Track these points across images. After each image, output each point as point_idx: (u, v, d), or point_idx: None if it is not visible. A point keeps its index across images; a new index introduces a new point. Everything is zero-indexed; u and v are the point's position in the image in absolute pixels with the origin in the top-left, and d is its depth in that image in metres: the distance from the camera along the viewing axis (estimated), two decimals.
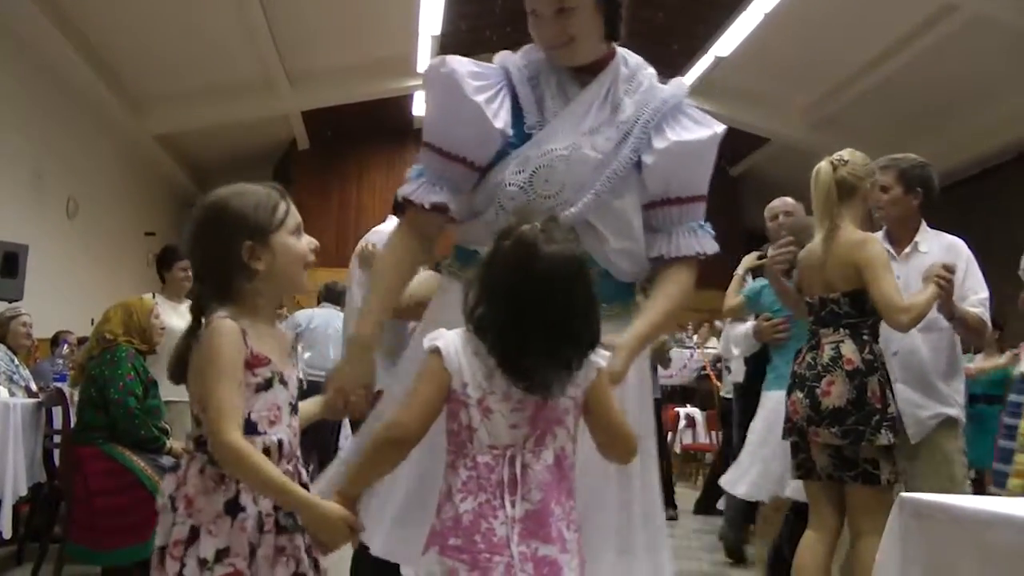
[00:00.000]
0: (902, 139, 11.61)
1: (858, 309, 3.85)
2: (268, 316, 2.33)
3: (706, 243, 2.66)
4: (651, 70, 2.76)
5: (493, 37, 13.85)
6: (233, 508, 2.11)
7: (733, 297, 5.39)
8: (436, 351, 2.06)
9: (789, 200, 5.67)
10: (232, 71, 12.60)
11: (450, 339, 2.07)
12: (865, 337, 3.85)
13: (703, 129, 2.67)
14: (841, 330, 3.86)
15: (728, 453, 7.07)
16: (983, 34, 10.43)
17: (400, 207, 2.65)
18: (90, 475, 5.17)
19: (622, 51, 2.71)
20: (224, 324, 2.14)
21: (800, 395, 3.86)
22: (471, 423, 2.02)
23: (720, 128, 2.70)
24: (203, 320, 2.23)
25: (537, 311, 1.99)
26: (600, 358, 2.09)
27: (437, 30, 12.30)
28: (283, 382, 2.24)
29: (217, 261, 2.25)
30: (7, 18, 9.40)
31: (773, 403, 4.79)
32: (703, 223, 2.70)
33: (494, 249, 2.06)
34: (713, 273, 4.42)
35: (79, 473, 5.24)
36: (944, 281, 3.92)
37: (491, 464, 2.00)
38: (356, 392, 2.44)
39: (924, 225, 4.44)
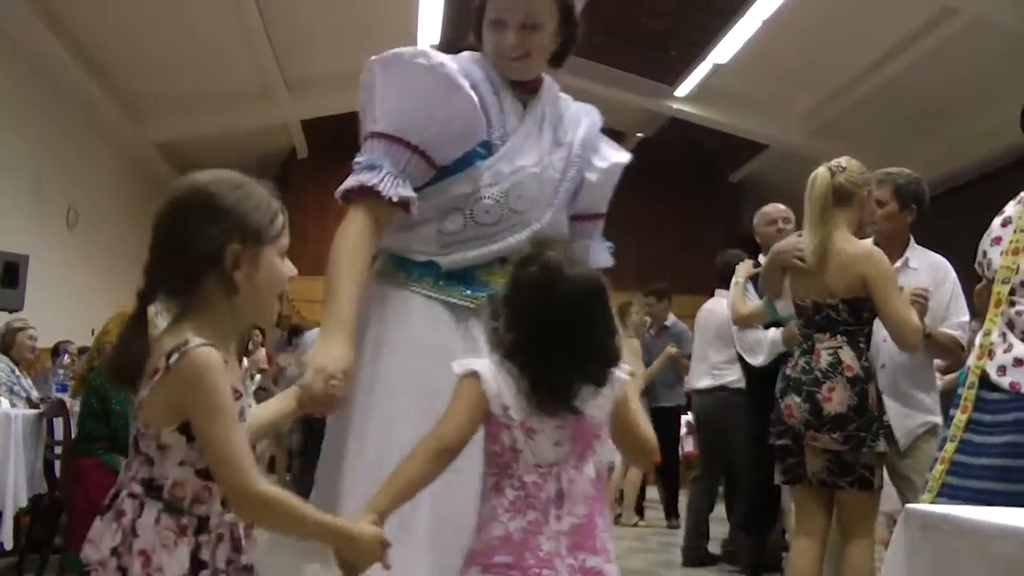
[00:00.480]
0: (902, 144, 11.65)
1: (856, 317, 3.85)
2: (231, 340, 1.99)
3: (609, 259, 2.84)
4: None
5: None
6: (197, 565, 1.84)
7: (743, 304, 5.36)
8: (474, 375, 2.06)
9: (783, 207, 5.68)
10: (231, 79, 12.62)
11: (485, 364, 2.08)
12: (861, 345, 3.86)
13: (622, 154, 2.84)
14: (839, 336, 3.85)
15: (714, 458, 7.08)
16: (982, 37, 10.43)
17: (349, 195, 2.48)
18: (91, 486, 5.16)
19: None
20: (211, 356, 1.82)
21: (798, 399, 3.84)
22: (515, 444, 2.05)
23: (627, 154, 2.88)
24: (144, 314, 1.93)
25: (566, 332, 2.04)
26: (623, 373, 2.13)
27: (436, 38, 12.32)
28: (243, 417, 1.95)
29: (189, 257, 1.88)
30: (5, 26, 9.40)
31: None
32: (604, 240, 2.88)
33: (518, 276, 2.09)
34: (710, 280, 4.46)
35: (80, 484, 5.24)
36: (922, 300, 4.00)
37: (538, 482, 2.04)
38: (337, 375, 2.24)
39: (912, 241, 4.50)
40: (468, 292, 2.50)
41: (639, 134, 17.12)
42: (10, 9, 9.14)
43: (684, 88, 14.04)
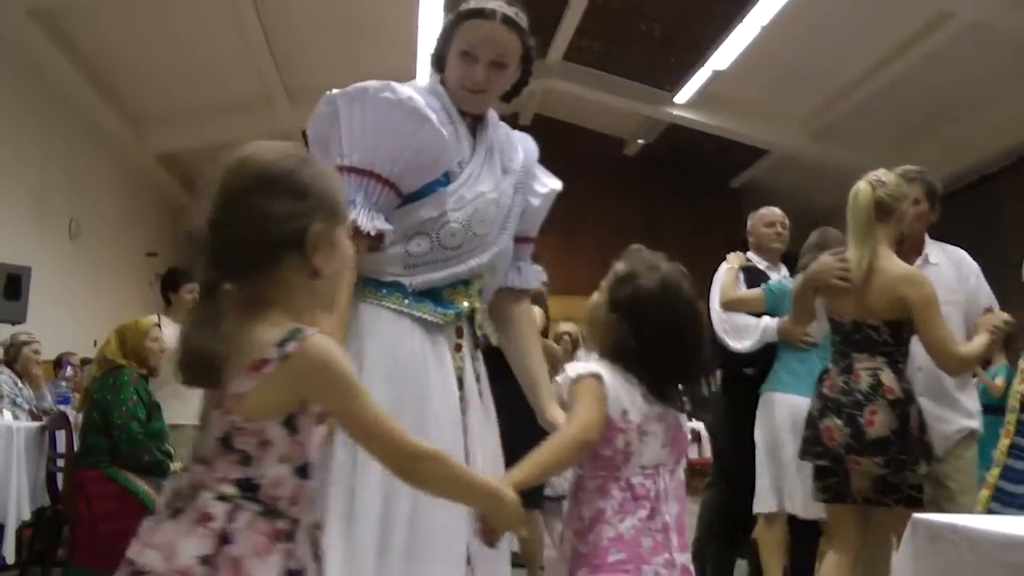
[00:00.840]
0: (902, 146, 11.64)
1: (896, 338, 3.80)
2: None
3: (539, 280, 3.02)
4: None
5: None
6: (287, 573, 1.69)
7: (734, 288, 5.32)
8: (597, 377, 2.20)
9: (780, 211, 5.66)
10: (232, 89, 12.61)
11: (603, 368, 2.24)
12: (900, 365, 3.79)
13: (556, 181, 2.92)
14: (878, 357, 3.78)
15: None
16: (980, 41, 10.43)
17: None
18: (93, 499, 5.16)
19: None
20: (329, 341, 1.72)
21: (838, 422, 3.75)
22: (628, 447, 2.19)
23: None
24: (216, 304, 1.70)
25: (679, 341, 2.26)
26: None
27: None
28: None
29: (268, 237, 1.71)
30: (6, 37, 9.41)
31: (787, 407, 4.78)
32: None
33: (638, 290, 2.27)
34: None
35: (82, 497, 5.23)
36: (998, 332, 3.94)
37: (644, 483, 2.19)
38: None
39: (927, 236, 4.42)
40: (437, 309, 2.56)
41: (640, 140, 17.14)
42: (12, 22, 9.16)
43: (684, 94, 14.03)
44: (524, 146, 2.86)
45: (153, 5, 9.98)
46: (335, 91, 2.57)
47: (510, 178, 2.73)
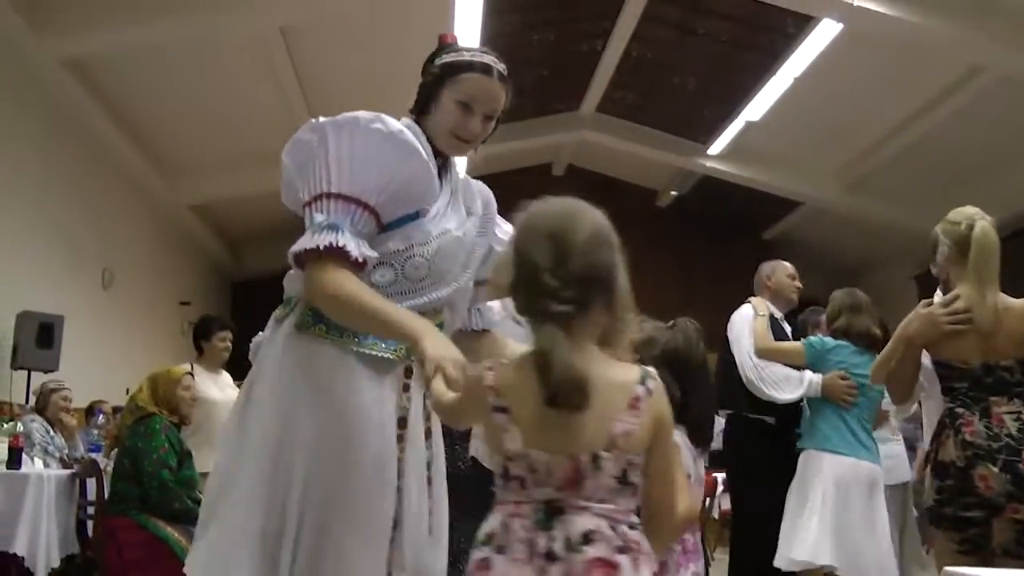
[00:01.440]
0: (934, 200, 11.56)
1: None
2: None
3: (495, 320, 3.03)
4: None
5: (525, 104, 13.92)
6: None
7: (768, 336, 5.31)
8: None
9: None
10: (266, 141, 12.61)
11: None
12: None
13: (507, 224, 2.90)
14: (1016, 400, 3.70)
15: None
16: (1012, 95, 10.41)
17: (313, 254, 2.45)
18: (124, 546, 5.16)
19: None
20: None
21: (994, 469, 3.62)
22: None
23: None
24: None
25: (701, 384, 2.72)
26: None
27: None
28: None
29: (608, 285, 2.01)
30: (44, 89, 9.53)
31: (843, 468, 4.74)
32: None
33: (679, 346, 2.85)
34: None
35: (113, 544, 5.23)
36: None
37: None
38: (455, 363, 2.17)
39: None
40: (387, 344, 2.53)
41: (673, 192, 17.13)
42: (44, 71, 9.26)
43: (717, 146, 14.05)
44: (482, 194, 2.91)
45: (187, 55, 10.08)
46: (323, 119, 2.59)
47: (473, 219, 2.77)
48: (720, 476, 11.98)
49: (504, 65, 2.69)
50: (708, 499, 11.26)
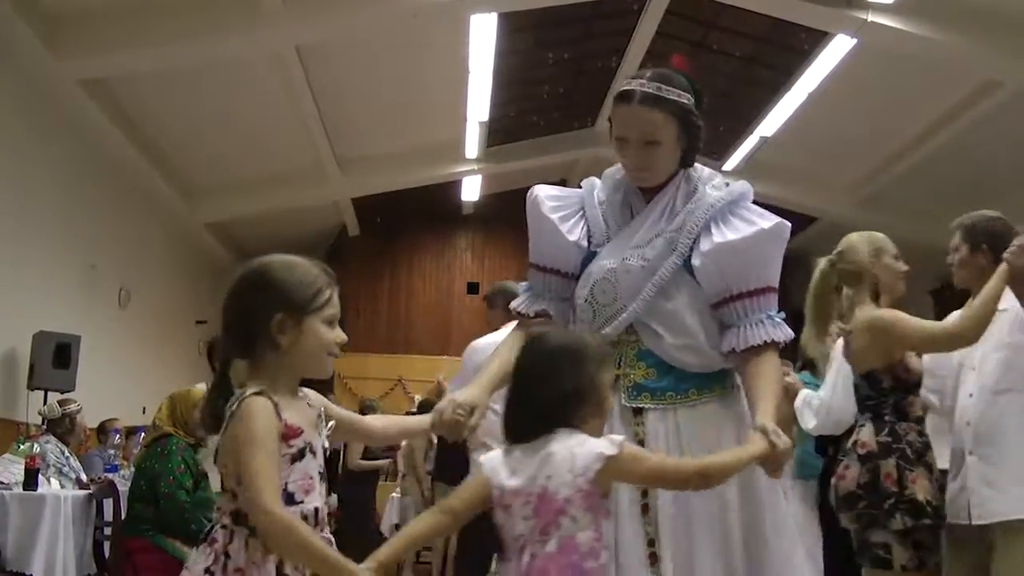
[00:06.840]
0: (950, 215, 11.49)
1: (876, 390, 3.78)
2: (291, 389, 2.35)
3: (776, 331, 2.74)
4: (718, 179, 2.98)
5: (541, 122, 13.95)
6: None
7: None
8: None
9: None
10: (283, 159, 12.73)
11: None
12: (887, 418, 3.74)
13: (749, 227, 2.80)
14: (864, 413, 3.81)
15: None
16: None
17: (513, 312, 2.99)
18: (141, 567, 5.16)
19: (695, 168, 2.95)
20: (256, 403, 2.19)
21: (833, 480, 3.86)
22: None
23: (768, 223, 2.85)
24: (225, 375, 2.35)
25: None
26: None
27: (485, 116, 12.34)
28: (312, 452, 2.30)
29: (247, 321, 2.30)
30: (58, 108, 9.57)
31: None
32: (772, 313, 2.77)
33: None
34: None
35: (130, 565, 5.23)
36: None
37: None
38: (464, 406, 2.60)
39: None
40: None
41: None
42: (62, 90, 9.31)
43: (732, 162, 14.02)
44: (709, 202, 2.84)
45: (203, 75, 10.13)
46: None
47: (657, 242, 2.75)
48: None
49: (658, 84, 2.75)
50: None
